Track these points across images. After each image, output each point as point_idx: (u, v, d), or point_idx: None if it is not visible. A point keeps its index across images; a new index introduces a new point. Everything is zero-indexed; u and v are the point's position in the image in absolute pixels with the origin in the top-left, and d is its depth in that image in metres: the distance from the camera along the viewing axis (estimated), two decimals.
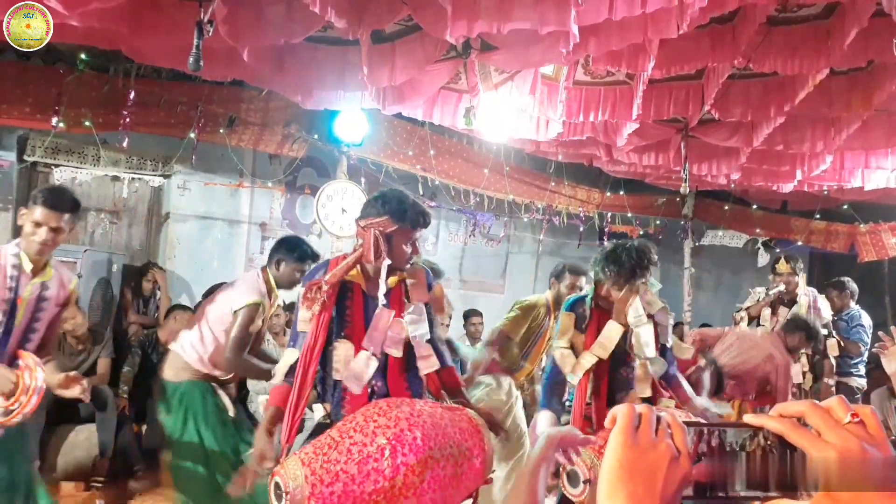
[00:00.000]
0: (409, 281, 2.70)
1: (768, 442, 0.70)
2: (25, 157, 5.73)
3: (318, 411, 2.60)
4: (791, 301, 5.41)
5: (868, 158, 5.70)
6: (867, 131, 4.92)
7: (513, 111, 4.57)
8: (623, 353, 3.00)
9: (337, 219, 5.88)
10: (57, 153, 5.82)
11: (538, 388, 3.60)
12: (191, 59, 2.99)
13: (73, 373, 2.79)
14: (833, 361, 5.59)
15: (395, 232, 2.55)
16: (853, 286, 5.82)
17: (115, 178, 6.14)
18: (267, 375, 3.04)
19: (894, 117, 4.88)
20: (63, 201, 2.78)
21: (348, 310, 2.61)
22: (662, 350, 3.05)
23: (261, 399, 4.56)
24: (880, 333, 2.98)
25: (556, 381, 3.08)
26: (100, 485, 4.56)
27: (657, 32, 3.25)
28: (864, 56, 3.68)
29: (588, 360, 2.96)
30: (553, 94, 4.31)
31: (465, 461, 2.25)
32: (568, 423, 2.95)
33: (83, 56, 5.00)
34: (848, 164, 5.81)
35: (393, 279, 2.65)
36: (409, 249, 2.61)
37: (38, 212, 2.72)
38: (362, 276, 2.64)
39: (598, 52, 3.65)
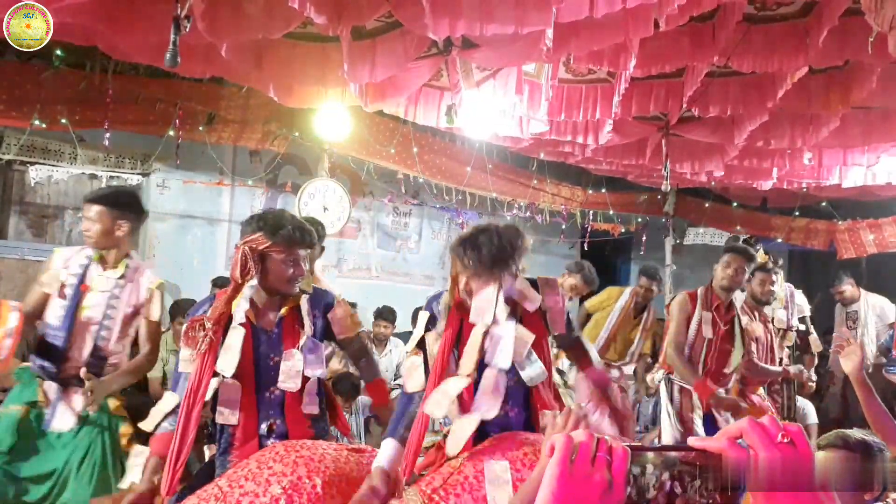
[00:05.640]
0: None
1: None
2: (0, 156, 5.64)
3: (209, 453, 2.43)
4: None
5: (846, 156, 5.76)
6: (845, 129, 4.96)
7: (495, 109, 4.56)
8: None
9: (319, 217, 5.84)
10: (33, 151, 5.74)
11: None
12: (168, 55, 2.94)
13: None
14: (815, 357, 5.64)
15: (270, 249, 2.38)
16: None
17: (93, 177, 6.06)
18: None
19: (871, 115, 4.93)
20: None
21: None
22: (569, 325, 2.45)
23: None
24: (835, 335, 3.01)
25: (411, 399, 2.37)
26: None
27: (637, 31, 3.26)
28: (842, 55, 3.71)
29: (456, 386, 2.20)
30: (536, 92, 4.31)
31: None
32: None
33: (59, 52, 4.92)
34: (826, 161, 5.86)
35: (284, 308, 2.48)
36: (290, 270, 2.42)
37: None
38: (251, 309, 2.44)
39: (579, 51, 3.65)
